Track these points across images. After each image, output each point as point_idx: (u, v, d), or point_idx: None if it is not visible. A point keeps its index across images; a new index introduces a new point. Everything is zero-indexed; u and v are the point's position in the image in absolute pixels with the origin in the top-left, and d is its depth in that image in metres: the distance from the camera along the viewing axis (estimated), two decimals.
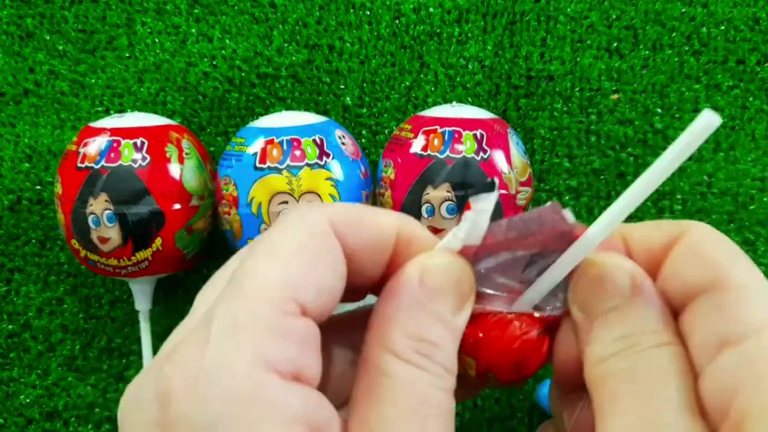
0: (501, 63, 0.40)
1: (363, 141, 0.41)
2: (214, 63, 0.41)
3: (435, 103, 0.40)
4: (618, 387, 0.16)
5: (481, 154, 0.33)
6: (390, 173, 0.35)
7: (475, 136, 0.34)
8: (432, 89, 0.41)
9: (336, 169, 0.34)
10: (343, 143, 0.35)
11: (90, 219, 0.34)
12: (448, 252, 0.18)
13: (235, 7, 0.41)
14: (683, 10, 0.40)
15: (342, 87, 0.41)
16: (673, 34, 0.40)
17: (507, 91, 0.40)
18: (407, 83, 0.41)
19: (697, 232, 0.17)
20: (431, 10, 0.41)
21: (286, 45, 0.41)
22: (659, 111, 0.40)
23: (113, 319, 0.41)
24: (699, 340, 0.16)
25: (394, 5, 0.41)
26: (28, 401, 0.41)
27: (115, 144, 0.34)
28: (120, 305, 0.41)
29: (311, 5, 0.41)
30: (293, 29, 0.41)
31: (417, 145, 0.34)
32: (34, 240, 0.41)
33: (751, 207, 0.39)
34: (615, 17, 0.40)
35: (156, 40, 0.42)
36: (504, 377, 0.18)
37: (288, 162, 0.33)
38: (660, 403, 0.15)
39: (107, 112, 0.42)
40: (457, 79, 0.41)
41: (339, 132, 0.36)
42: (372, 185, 0.37)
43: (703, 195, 0.39)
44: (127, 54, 0.42)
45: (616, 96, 0.40)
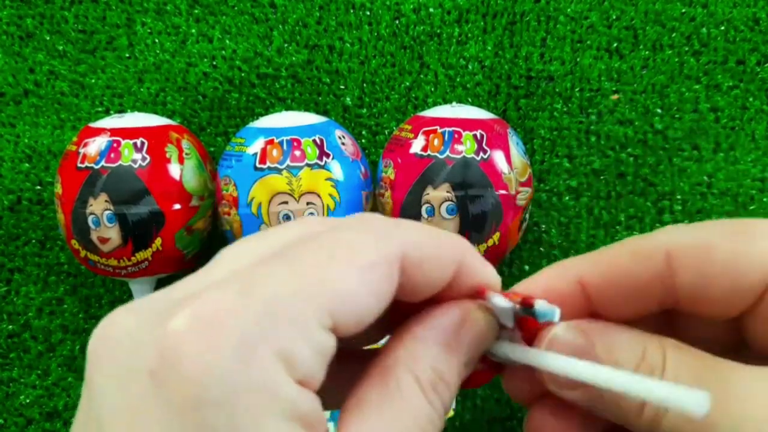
0: (501, 63, 0.40)
1: (363, 141, 0.41)
2: (214, 63, 0.41)
3: (435, 104, 0.40)
4: None
5: (481, 154, 0.33)
6: (390, 173, 0.35)
7: (475, 136, 0.34)
8: (432, 89, 0.41)
9: (336, 170, 0.34)
10: (343, 143, 0.35)
11: (90, 219, 0.34)
12: (491, 311, 0.18)
13: (235, 8, 0.41)
14: (683, 10, 0.40)
15: (342, 87, 0.41)
16: (673, 34, 0.40)
17: (507, 92, 0.40)
18: (407, 83, 0.41)
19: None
20: (431, 10, 0.41)
21: (286, 45, 0.41)
22: (659, 111, 0.40)
23: None
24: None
25: (394, 5, 0.41)
26: (28, 401, 0.41)
27: (115, 144, 0.34)
28: (120, 305, 0.41)
29: (311, 5, 0.41)
30: (293, 29, 0.41)
31: (417, 146, 0.34)
32: (34, 240, 0.41)
33: (751, 207, 0.39)
34: (615, 17, 0.40)
35: (156, 40, 0.42)
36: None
37: (288, 162, 0.33)
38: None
39: (107, 112, 0.42)
40: (457, 80, 0.41)
41: (339, 132, 0.36)
42: (372, 185, 0.37)
43: (703, 195, 0.39)
44: (127, 54, 0.42)
45: (616, 96, 0.40)
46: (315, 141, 0.34)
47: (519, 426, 0.40)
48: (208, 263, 0.16)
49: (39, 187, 0.42)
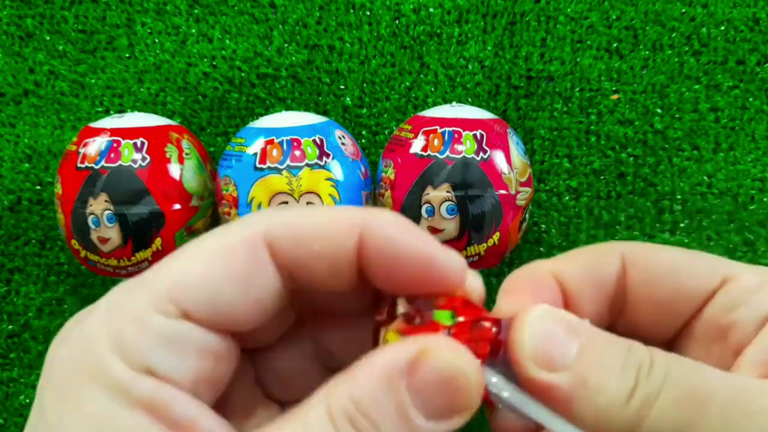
0: (501, 63, 0.40)
1: (363, 141, 0.41)
2: (214, 63, 0.41)
3: (435, 104, 0.40)
4: (682, 397, 0.15)
5: (481, 154, 0.33)
6: (390, 173, 0.35)
7: (475, 136, 0.34)
8: (432, 89, 0.41)
9: (336, 170, 0.34)
10: (343, 143, 0.35)
11: (90, 219, 0.34)
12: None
13: (235, 8, 0.41)
14: (683, 10, 0.40)
15: (342, 87, 0.41)
16: (673, 34, 0.40)
17: (507, 92, 0.40)
18: (407, 83, 0.41)
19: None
20: (431, 10, 0.41)
21: (286, 45, 0.41)
22: (659, 111, 0.40)
23: None
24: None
25: (394, 5, 0.41)
26: (28, 401, 0.41)
27: (115, 144, 0.34)
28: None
29: (311, 5, 0.41)
30: (293, 29, 0.41)
31: (417, 146, 0.34)
32: (34, 240, 0.41)
33: (751, 207, 0.39)
34: (615, 17, 0.40)
35: (156, 40, 0.42)
36: None
37: (288, 162, 0.33)
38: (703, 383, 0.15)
39: (107, 112, 0.42)
40: (457, 80, 0.41)
41: (339, 132, 0.36)
42: (372, 185, 0.37)
43: (703, 195, 0.39)
44: (127, 54, 0.42)
45: (616, 96, 0.40)
46: (315, 141, 0.34)
47: None
48: None
49: (39, 187, 0.42)
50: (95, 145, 0.34)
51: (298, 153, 0.34)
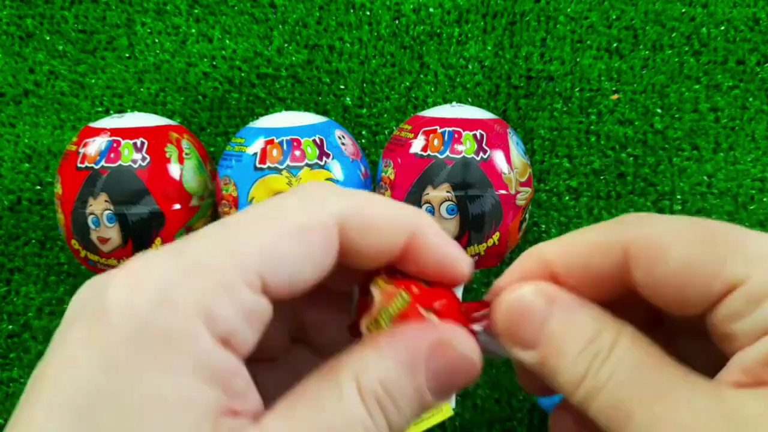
0: (501, 63, 0.40)
1: (363, 141, 0.41)
2: (214, 63, 0.41)
3: (435, 103, 0.40)
4: (616, 401, 0.16)
5: (481, 154, 0.33)
6: (390, 173, 0.35)
7: (475, 136, 0.34)
8: (432, 89, 0.41)
9: (336, 170, 0.34)
10: (343, 143, 0.35)
11: (90, 219, 0.34)
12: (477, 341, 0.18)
13: (235, 8, 0.41)
14: (683, 10, 0.40)
15: (342, 87, 0.41)
16: (673, 34, 0.40)
17: (507, 92, 0.40)
18: (407, 83, 0.41)
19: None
20: (431, 10, 0.41)
21: (286, 45, 0.41)
22: (659, 111, 0.40)
23: None
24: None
25: (394, 5, 0.41)
26: None
27: (115, 144, 0.34)
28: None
29: (311, 5, 0.41)
30: (293, 29, 0.41)
31: (417, 146, 0.34)
32: (34, 240, 0.41)
33: (751, 207, 0.39)
34: (615, 17, 0.40)
35: (156, 40, 0.42)
36: None
37: (288, 162, 0.33)
38: (666, 382, 0.15)
39: (107, 112, 0.42)
40: (457, 79, 0.41)
41: (339, 132, 0.36)
42: (372, 185, 0.37)
43: (703, 195, 0.39)
44: (127, 54, 0.42)
45: (616, 96, 0.40)
46: (315, 141, 0.34)
47: (519, 426, 0.40)
48: None
49: (39, 187, 0.42)
50: (95, 145, 0.34)
51: (298, 153, 0.34)
